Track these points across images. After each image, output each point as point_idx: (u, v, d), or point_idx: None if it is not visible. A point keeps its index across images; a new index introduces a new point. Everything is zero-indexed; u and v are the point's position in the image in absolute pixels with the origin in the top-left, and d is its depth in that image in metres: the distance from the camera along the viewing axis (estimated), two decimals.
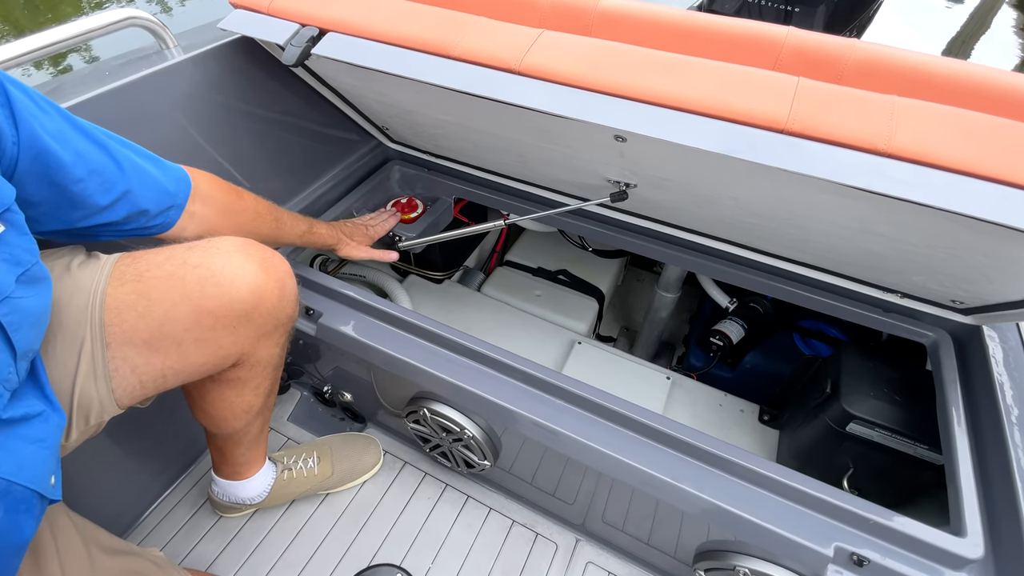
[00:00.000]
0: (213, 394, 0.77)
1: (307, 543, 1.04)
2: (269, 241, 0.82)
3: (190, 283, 0.63)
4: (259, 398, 0.81)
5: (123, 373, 0.63)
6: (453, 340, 0.90)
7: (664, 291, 1.49)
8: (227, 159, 1.03)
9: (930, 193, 0.53)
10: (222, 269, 0.64)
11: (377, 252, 1.06)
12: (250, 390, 0.78)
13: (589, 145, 0.79)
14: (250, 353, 0.73)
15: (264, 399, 0.82)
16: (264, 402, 0.83)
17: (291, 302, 0.73)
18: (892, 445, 0.95)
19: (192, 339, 0.65)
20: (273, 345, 0.75)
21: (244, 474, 0.95)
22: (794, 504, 0.77)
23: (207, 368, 0.69)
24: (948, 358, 0.92)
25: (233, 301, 0.65)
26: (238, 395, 0.78)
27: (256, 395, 0.80)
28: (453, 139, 1.06)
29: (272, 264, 0.69)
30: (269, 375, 0.79)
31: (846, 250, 0.85)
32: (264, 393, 0.81)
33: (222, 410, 0.79)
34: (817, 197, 0.68)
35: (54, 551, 0.62)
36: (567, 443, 0.82)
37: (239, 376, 0.75)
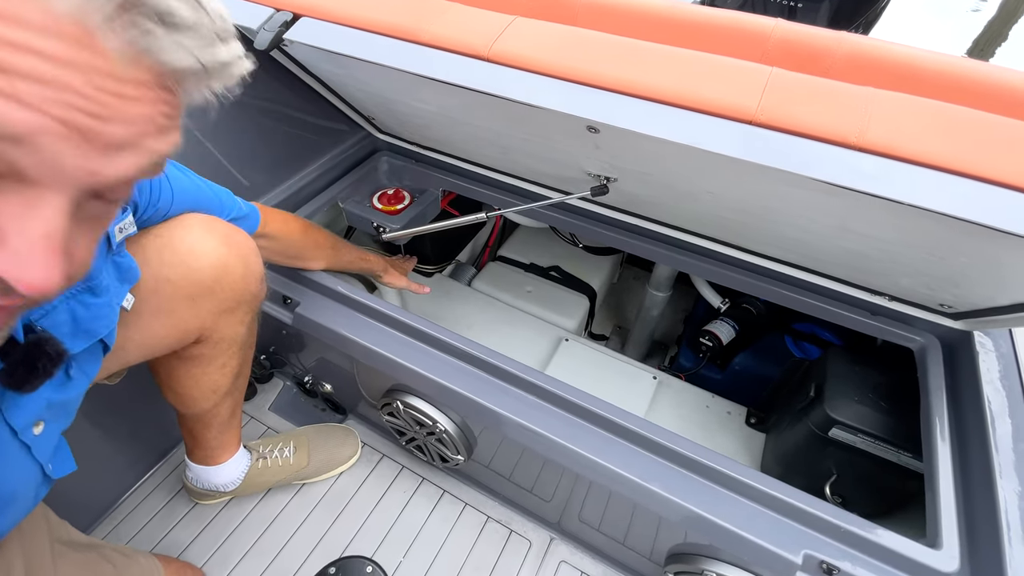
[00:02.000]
0: (179, 372, 0.77)
1: (281, 532, 1.04)
2: (324, 267, 0.99)
3: (149, 251, 0.63)
4: (226, 378, 0.80)
5: None
6: (427, 333, 0.89)
7: (655, 290, 1.46)
8: (209, 141, 1.02)
9: (898, 188, 0.50)
10: (182, 239, 0.65)
11: (415, 284, 1.21)
12: (216, 369, 0.78)
13: (564, 136, 0.78)
14: (213, 329, 0.72)
15: (232, 380, 0.82)
16: (232, 383, 0.83)
17: (255, 279, 0.73)
18: (875, 452, 0.92)
19: (150, 310, 0.64)
20: (237, 323, 0.75)
21: (217, 459, 0.95)
22: (767, 510, 0.75)
23: (168, 342, 0.69)
24: (935, 364, 0.89)
25: (192, 271, 0.65)
26: (204, 373, 0.78)
27: (223, 375, 0.79)
28: (436, 129, 1.05)
29: (235, 240, 0.70)
30: (236, 355, 0.79)
31: (829, 250, 0.82)
32: (231, 373, 0.81)
33: (189, 388, 0.79)
34: (791, 192, 0.65)
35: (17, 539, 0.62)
36: (542, 442, 0.81)
37: (203, 353, 0.75)
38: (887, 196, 0.50)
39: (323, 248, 0.97)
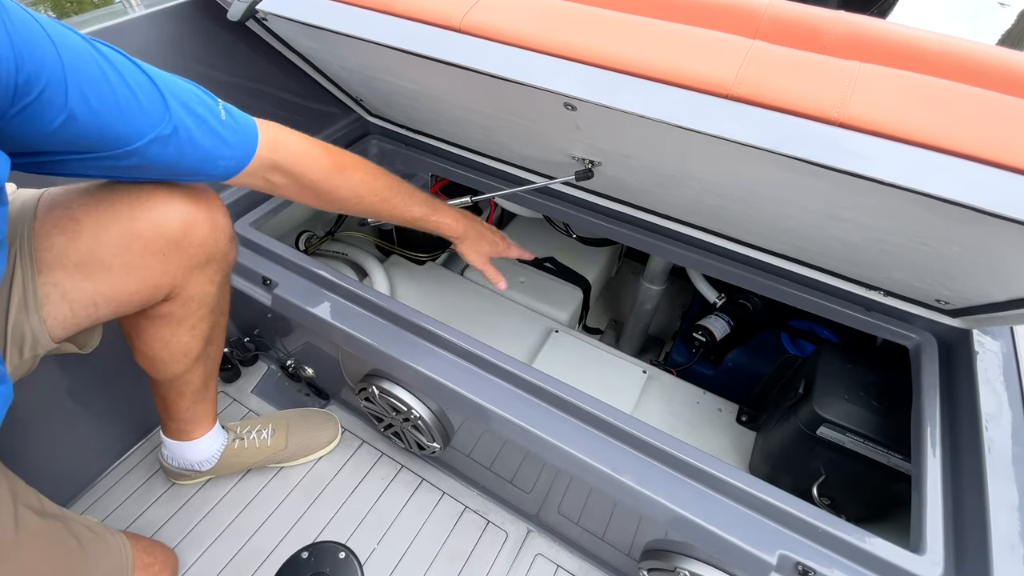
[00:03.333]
0: (148, 332, 0.76)
1: (256, 514, 1.03)
2: (370, 217, 0.81)
3: (120, 207, 0.63)
4: (197, 340, 0.79)
5: (53, 299, 0.62)
6: (405, 318, 0.88)
7: (649, 283, 1.43)
8: None
9: (880, 167, 0.47)
10: (150, 194, 0.65)
11: (491, 270, 0.94)
12: (186, 330, 0.77)
13: (544, 115, 0.75)
14: (182, 286, 0.72)
15: (203, 343, 0.81)
16: (203, 348, 0.82)
17: (224, 236, 0.72)
18: (865, 453, 0.89)
19: (121, 264, 0.64)
20: (207, 281, 0.74)
21: (191, 434, 0.94)
22: (746, 509, 0.72)
23: (139, 298, 0.68)
24: (929, 363, 0.85)
25: (161, 226, 0.65)
26: (173, 334, 0.77)
27: (193, 337, 0.78)
28: (421, 110, 1.02)
29: (201, 196, 0.69)
30: (206, 317, 0.78)
31: (821, 240, 0.79)
32: (202, 336, 0.80)
33: (158, 350, 0.78)
34: (775, 176, 0.62)
35: None
36: (521, 434, 0.79)
37: (172, 312, 0.74)
38: (868, 175, 0.47)
39: (366, 200, 0.76)
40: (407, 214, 0.83)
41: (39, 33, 0.45)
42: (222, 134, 0.62)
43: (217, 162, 0.63)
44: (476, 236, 0.93)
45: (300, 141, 0.71)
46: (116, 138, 0.53)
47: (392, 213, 0.81)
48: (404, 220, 0.84)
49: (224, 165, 0.64)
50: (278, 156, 0.68)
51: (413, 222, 0.84)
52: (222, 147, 0.62)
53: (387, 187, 0.80)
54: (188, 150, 0.59)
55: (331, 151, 0.74)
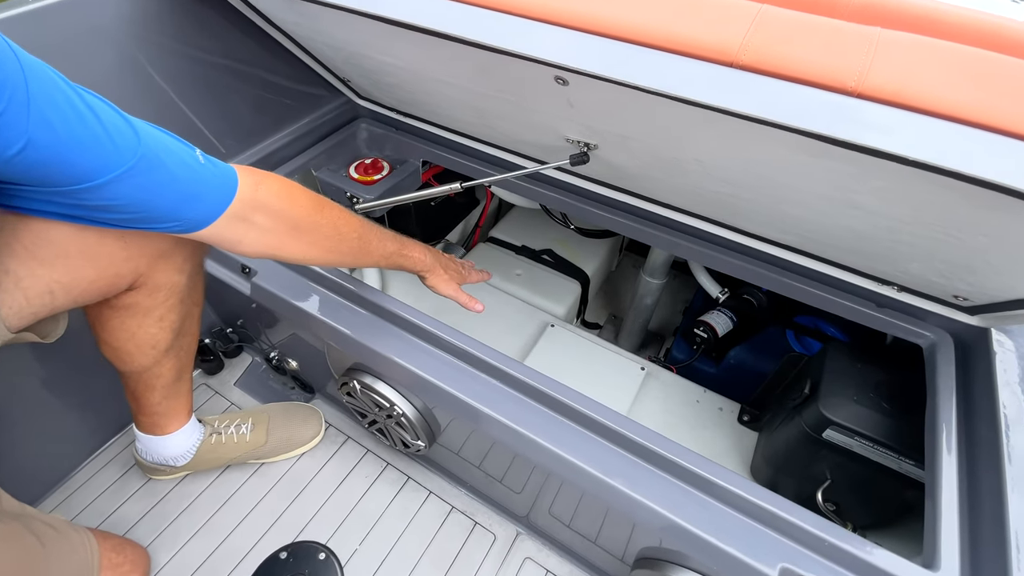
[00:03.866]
0: (113, 322, 0.72)
1: (234, 512, 0.99)
2: (347, 262, 0.74)
3: None
4: (165, 332, 0.75)
5: (7, 287, 0.58)
6: (388, 309, 0.83)
7: (650, 276, 1.38)
8: (185, 103, 0.97)
9: (902, 141, 0.42)
10: None
11: (464, 296, 0.91)
12: (153, 321, 0.72)
13: (534, 91, 0.70)
14: (148, 275, 0.67)
15: (172, 335, 0.76)
16: (173, 340, 0.77)
17: None
18: (873, 458, 0.83)
19: (78, 250, 0.60)
20: (174, 270, 0.69)
21: (164, 428, 0.90)
22: (747, 518, 0.67)
23: (99, 286, 0.64)
24: (945, 363, 0.80)
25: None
26: (140, 325, 0.72)
27: (162, 328, 0.74)
28: (408, 90, 0.97)
29: None
30: (175, 307, 0.73)
31: (830, 230, 0.73)
32: (171, 328, 0.75)
33: (124, 341, 0.74)
34: (782, 155, 0.57)
35: None
36: (509, 435, 0.74)
37: (138, 302, 0.70)
38: (890, 151, 0.42)
39: (346, 238, 0.71)
40: (381, 250, 0.78)
41: (6, 53, 0.43)
42: (200, 172, 0.56)
43: (195, 204, 0.56)
44: (443, 266, 0.90)
45: (281, 179, 0.66)
46: (81, 171, 0.48)
47: (368, 250, 0.76)
48: (378, 257, 0.78)
49: (203, 208, 0.57)
50: (261, 195, 0.61)
51: (387, 258, 0.80)
52: (200, 185, 0.56)
53: (361, 224, 0.74)
54: (162, 189, 0.53)
55: (309, 191, 0.69)
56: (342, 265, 0.76)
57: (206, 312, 1.16)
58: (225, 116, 1.04)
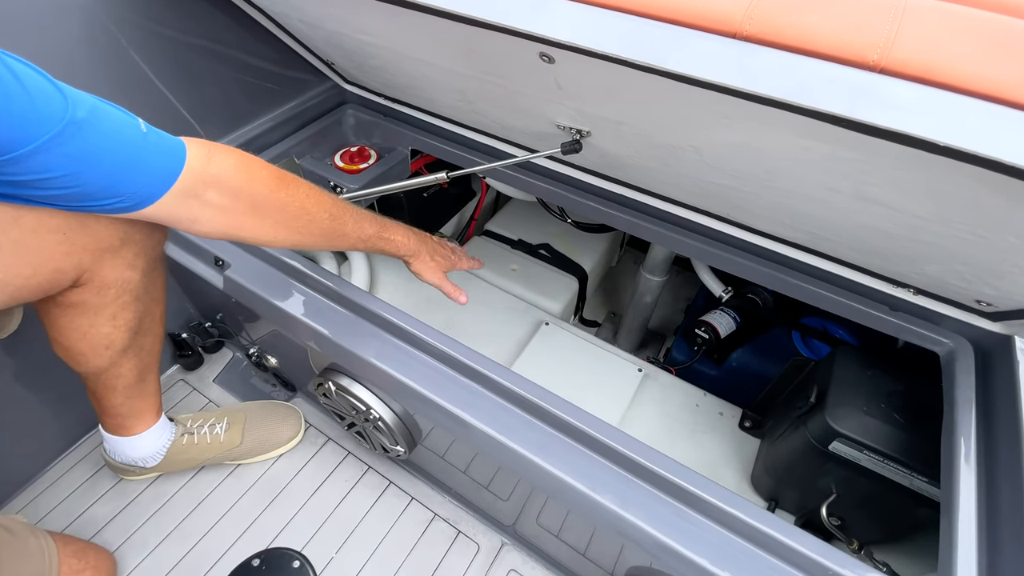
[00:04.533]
0: (62, 321, 0.67)
1: (207, 515, 0.94)
2: (320, 245, 0.68)
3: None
4: (120, 332, 0.70)
5: None
6: (366, 307, 0.78)
7: (650, 274, 1.32)
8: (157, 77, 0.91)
9: (933, 124, 0.36)
10: None
11: (449, 286, 0.84)
12: (105, 320, 0.68)
13: (519, 72, 0.64)
14: (94, 271, 0.62)
15: (129, 335, 0.72)
16: (131, 339, 0.72)
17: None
18: (883, 473, 0.78)
19: (11, 242, 0.54)
20: (124, 267, 0.64)
21: (130, 429, 0.86)
22: (746, 543, 0.62)
23: (37, 282, 0.59)
24: (964, 373, 0.74)
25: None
26: (91, 324, 0.68)
27: (116, 328, 0.69)
28: (392, 72, 0.91)
29: None
30: (129, 305, 0.68)
31: (843, 228, 0.67)
32: (127, 327, 0.70)
33: (75, 341, 0.69)
34: (791, 144, 0.51)
35: None
36: (490, 444, 0.69)
37: (86, 299, 0.65)
38: (916, 134, 0.36)
39: (315, 218, 0.64)
40: (358, 232, 0.71)
41: None
42: (140, 142, 0.50)
43: (136, 176, 0.50)
44: (429, 252, 0.83)
45: (238, 153, 0.59)
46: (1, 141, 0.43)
47: (342, 232, 0.69)
48: (355, 240, 0.72)
49: (146, 182, 0.51)
50: (215, 168, 0.55)
51: (365, 241, 0.73)
52: (140, 154, 0.50)
53: (334, 203, 0.68)
54: (96, 159, 0.48)
55: (271, 166, 0.62)
56: (315, 248, 0.70)
57: (183, 305, 1.12)
58: (206, 99, 0.99)
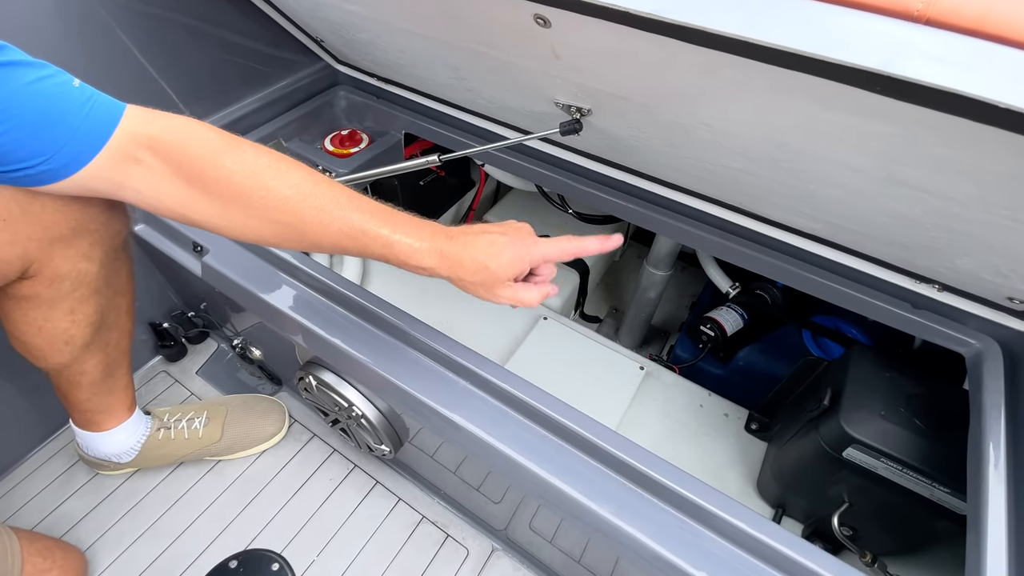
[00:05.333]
0: (15, 315, 0.63)
1: (185, 513, 0.90)
2: (290, 237, 0.52)
3: None
4: (80, 327, 0.65)
5: None
6: (350, 297, 0.73)
7: (653, 267, 1.27)
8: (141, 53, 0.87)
9: (988, 82, 0.30)
10: None
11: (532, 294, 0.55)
12: (62, 315, 0.63)
13: (512, 40, 0.58)
14: (44, 263, 0.57)
15: (90, 330, 0.67)
16: (92, 335, 0.68)
17: (99, 200, 0.57)
18: (901, 482, 0.72)
19: None
20: (79, 257, 0.59)
21: (101, 425, 0.81)
22: (753, 558, 0.57)
23: None
24: (993, 376, 0.68)
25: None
26: (46, 319, 0.63)
27: (73, 323, 0.64)
28: (383, 47, 0.86)
29: None
30: (87, 299, 0.64)
31: (866, 216, 0.62)
32: (87, 322, 0.66)
33: (31, 336, 0.65)
34: (814, 116, 0.45)
35: None
36: (479, 447, 0.64)
37: (38, 293, 0.60)
38: (968, 93, 0.30)
39: (292, 182, 0.50)
40: (342, 223, 0.51)
41: None
42: (66, 95, 0.45)
43: (61, 131, 0.44)
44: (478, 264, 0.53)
45: (182, 117, 0.51)
46: None
47: (320, 221, 0.51)
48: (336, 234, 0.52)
49: (73, 138, 0.45)
50: (155, 129, 0.48)
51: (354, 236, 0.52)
52: (69, 107, 0.45)
53: (311, 180, 0.51)
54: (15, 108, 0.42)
55: (221, 130, 0.52)
56: (286, 244, 0.53)
57: (166, 294, 1.07)
58: (193, 78, 0.94)
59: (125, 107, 0.49)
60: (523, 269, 0.53)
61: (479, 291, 0.54)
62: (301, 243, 0.53)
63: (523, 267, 0.53)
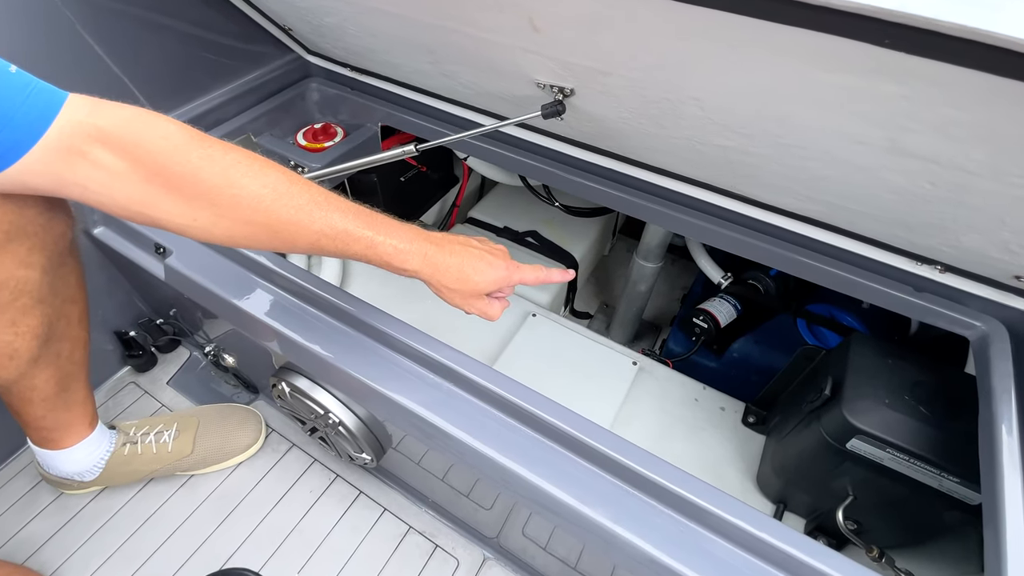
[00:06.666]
0: None
1: (156, 532, 0.85)
2: (263, 239, 0.49)
3: None
4: (24, 340, 0.60)
5: None
6: (324, 297, 0.68)
7: (644, 260, 1.23)
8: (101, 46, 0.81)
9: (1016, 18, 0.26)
10: None
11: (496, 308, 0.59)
12: (3, 327, 0.57)
13: (489, 14, 0.54)
14: None
15: (36, 342, 0.61)
16: (39, 348, 0.62)
17: (35, 201, 0.52)
18: (909, 473, 0.69)
19: None
20: (16, 264, 0.54)
21: (59, 442, 0.76)
22: (759, 561, 0.53)
23: None
24: (1001, 359, 0.65)
25: None
26: None
27: (17, 335, 0.59)
28: (353, 32, 0.81)
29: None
30: (30, 309, 0.58)
31: (868, 193, 0.58)
32: (31, 334, 0.60)
33: None
34: (814, 80, 0.42)
35: None
36: (467, 453, 0.60)
37: None
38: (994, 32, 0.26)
39: (266, 181, 0.47)
40: (324, 223, 0.49)
41: None
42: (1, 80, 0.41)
43: None
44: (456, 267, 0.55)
45: (133, 107, 0.46)
46: None
47: (296, 221, 0.49)
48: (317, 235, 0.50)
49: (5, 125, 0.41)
50: (103, 120, 0.44)
51: (336, 238, 0.50)
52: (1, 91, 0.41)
53: (287, 179, 0.49)
54: None
55: (180, 122, 0.47)
56: (259, 245, 0.50)
57: (131, 300, 1.01)
58: (155, 70, 0.89)
59: (67, 95, 0.45)
60: (500, 288, 0.58)
61: (454, 297, 0.58)
62: (273, 244, 0.51)
63: (501, 286, 0.58)
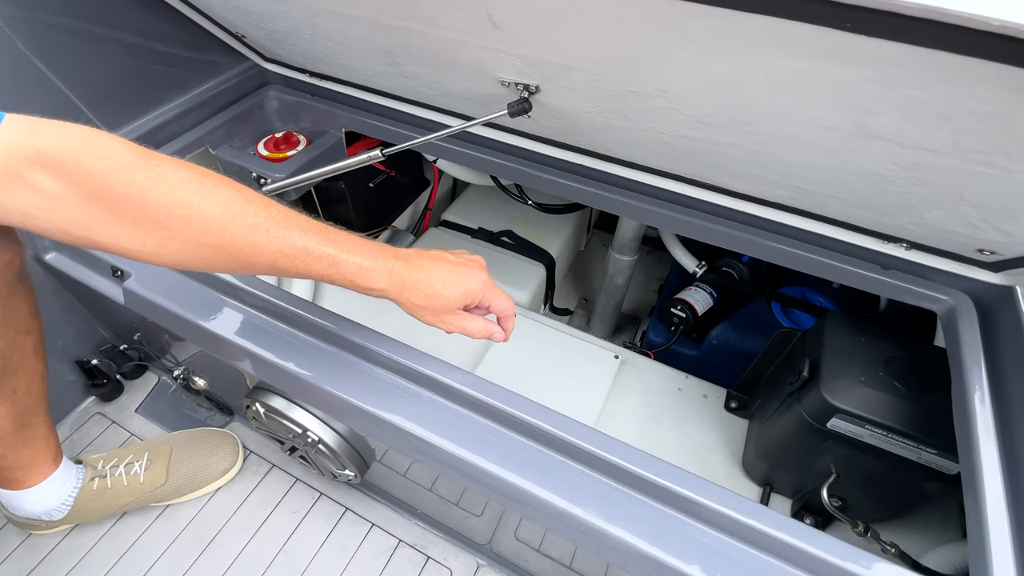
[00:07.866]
0: None
1: (133, 568, 0.81)
2: (219, 261, 0.47)
3: None
4: None
5: None
6: (297, 314, 0.66)
7: (619, 253, 1.23)
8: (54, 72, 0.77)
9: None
10: None
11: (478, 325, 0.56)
12: None
13: (445, 12, 0.53)
14: None
15: None
16: None
17: None
18: (888, 448, 0.70)
19: None
20: None
21: (22, 482, 0.72)
22: (754, 550, 0.53)
23: None
24: (969, 331, 0.67)
25: None
26: None
27: None
28: (309, 36, 0.79)
29: None
30: None
31: (834, 176, 0.59)
32: None
33: None
34: (778, 67, 0.42)
35: None
36: (452, 462, 0.59)
37: None
38: (956, 11, 0.26)
39: (218, 199, 0.45)
40: (282, 243, 0.47)
41: None
42: None
43: None
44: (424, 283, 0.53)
45: (76, 126, 0.43)
46: None
47: (252, 242, 0.46)
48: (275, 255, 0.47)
49: None
50: (42, 142, 0.41)
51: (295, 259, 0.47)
52: None
53: (242, 196, 0.46)
54: None
55: (126, 141, 0.44)
56: (213, 268, 0.48)
57: (92, 327, 0.97)
58: (103, 85, 0.84)
59: (3, 116, 0.41)
60: (473, 302, 0.56)
61: (426, 315, 0.55)
62: (228, 266, 0.48)
63: (474, 301, 0.56)
